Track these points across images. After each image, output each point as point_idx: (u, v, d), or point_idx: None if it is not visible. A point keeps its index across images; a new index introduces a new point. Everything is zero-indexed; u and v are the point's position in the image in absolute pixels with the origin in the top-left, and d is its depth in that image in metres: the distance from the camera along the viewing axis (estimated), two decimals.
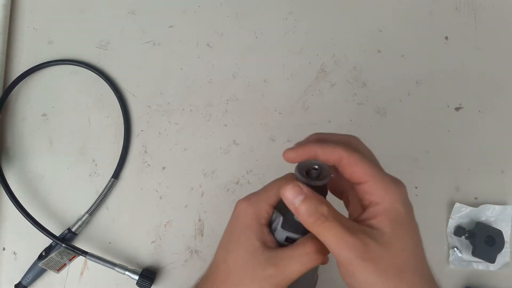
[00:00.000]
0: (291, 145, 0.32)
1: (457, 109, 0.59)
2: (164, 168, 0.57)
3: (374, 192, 0.27)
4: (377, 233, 0.26)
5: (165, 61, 0.59)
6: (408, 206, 0.27)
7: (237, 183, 0.56)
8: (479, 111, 0.59)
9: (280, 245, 0.32)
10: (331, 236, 0.26)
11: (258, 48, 0.60)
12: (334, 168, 0.30)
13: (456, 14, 0.61)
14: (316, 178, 0.30)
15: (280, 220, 0.31)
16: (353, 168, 0.27)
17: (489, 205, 0.56)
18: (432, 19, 0.61)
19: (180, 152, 0.57)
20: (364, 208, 0.28)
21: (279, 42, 0.60)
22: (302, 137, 0.58)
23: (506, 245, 0.54)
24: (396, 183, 0.27)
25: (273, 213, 0.32)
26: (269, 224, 0.32)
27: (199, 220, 0.56)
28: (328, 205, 0.27)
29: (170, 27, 0.60)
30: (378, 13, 0.61)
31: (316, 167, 0.30)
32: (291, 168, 0.55)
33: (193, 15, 0.60)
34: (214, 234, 0.55)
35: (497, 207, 0.56)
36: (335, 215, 0.26)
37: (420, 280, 0.26)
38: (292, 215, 0.30)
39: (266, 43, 0.60)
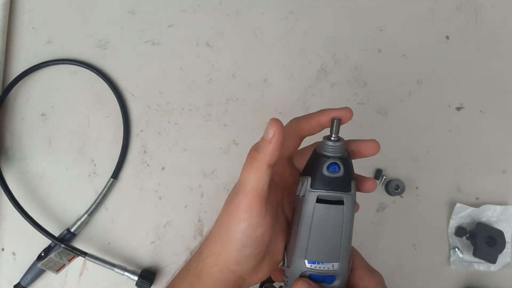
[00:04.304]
0: None
1: (458, 109, 0.59)
2: (163, 168, 0.57)
3: (363, 278, 0.34)
4: None
5: (165, 61, 0.59)
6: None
7: None
8: (480, 111, 0.59)
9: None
10: None
11: (258, 48, 0.59)
12: None
13: (457, 14, 0.61)
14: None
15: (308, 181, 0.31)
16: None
17: (490, 206, 0.56)
18: (433, 19, 0.60)
19: (180, 152, 0.57)
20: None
21: (279, 42, 0.60)
22: None
23: (507, 246, 0.54)
24: (377, 273, 0.35)
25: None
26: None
27: (199, 220, 0.56)
28: None
29: (169, 26, 0.60)
30: (379, 12, 0.60)
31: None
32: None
33: (192, 14, 0.60)
34: None
35: (498, 207, 0.55)
36: None
37: None
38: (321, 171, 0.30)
39: (266, 43, 0.60)
